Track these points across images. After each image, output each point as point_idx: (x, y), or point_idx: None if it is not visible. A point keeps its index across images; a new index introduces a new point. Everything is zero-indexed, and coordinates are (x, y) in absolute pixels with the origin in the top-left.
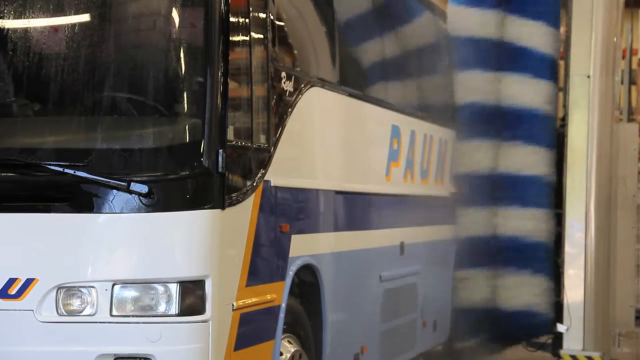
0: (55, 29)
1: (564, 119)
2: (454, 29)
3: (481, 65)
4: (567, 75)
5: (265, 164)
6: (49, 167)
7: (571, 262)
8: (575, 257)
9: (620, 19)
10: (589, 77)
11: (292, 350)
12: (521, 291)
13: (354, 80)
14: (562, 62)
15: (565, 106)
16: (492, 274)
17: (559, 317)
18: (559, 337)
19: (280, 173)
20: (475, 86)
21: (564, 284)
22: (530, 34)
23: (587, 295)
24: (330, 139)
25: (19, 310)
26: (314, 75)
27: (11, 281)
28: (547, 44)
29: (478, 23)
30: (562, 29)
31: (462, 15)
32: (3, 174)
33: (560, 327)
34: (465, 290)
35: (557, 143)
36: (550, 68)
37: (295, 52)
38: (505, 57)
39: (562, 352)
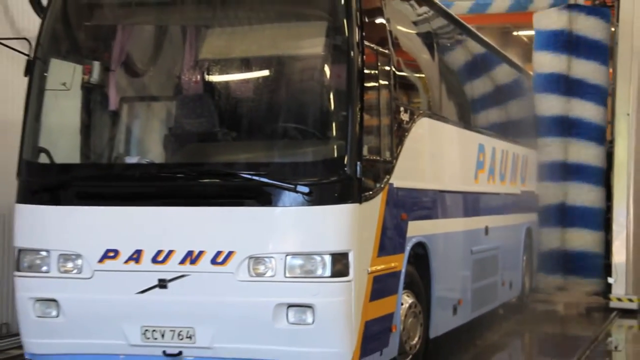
0: (246, 81)
1: (612, 142)
2: (537, 68)
3: (554, 90)
4: (613, 113)
5: (389, 171)
6: (242, 175)
7: (617, 236)
8: (619, 232)
9: None
10: (628, 114)
11: (410, 301)
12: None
13: (452, 112)
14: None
15: (612, 133)
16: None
17: (608, 273)
18: (608, 287)
19: (400, 178)
20: (549, 105)
21: (612, 251)
22: (589, 70)
23: (627, 259)
24: (434, 154)
25: (224, 272)
26: (423, 109)
27: (218, 253)
28: (601, 78)
29: (553, 63)
30: (610, 71)
31: (543, 58)
32: (213, 180)
33: (610, 280)
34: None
35: (607, 157)
36: (602, 95)
37: (410, 92)
38: (571, 86)
39: (611, 295)
